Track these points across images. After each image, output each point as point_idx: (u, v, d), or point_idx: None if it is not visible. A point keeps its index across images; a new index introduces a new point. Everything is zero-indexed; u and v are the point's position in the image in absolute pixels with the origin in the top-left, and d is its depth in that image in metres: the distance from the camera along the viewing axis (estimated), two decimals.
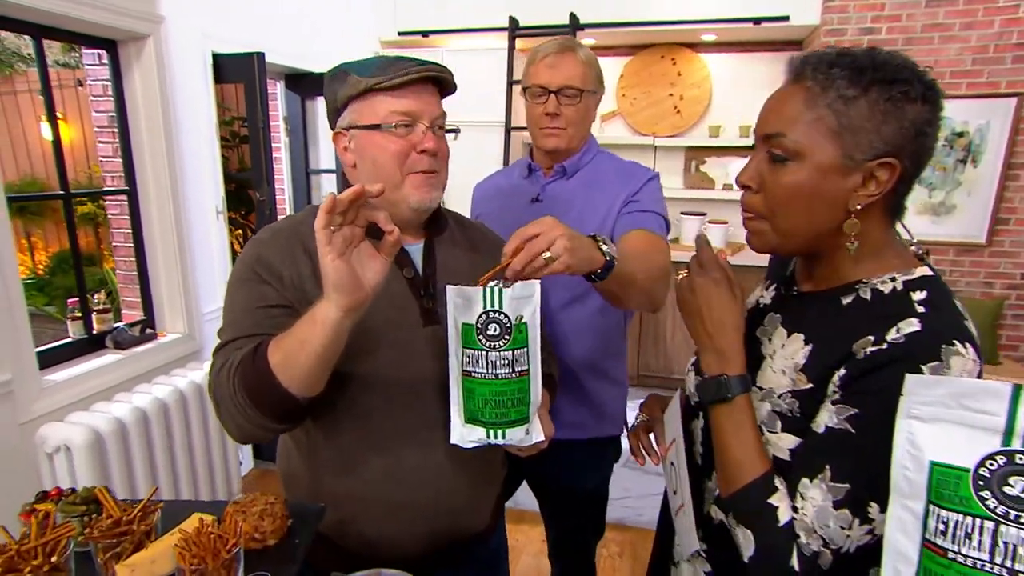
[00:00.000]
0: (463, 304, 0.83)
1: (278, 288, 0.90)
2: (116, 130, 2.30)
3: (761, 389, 0.78)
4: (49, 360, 2.04)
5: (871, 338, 0.67)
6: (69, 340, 2.19)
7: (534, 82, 1.31)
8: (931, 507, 0.55)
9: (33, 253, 5.90)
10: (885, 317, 0.67)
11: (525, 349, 0.84)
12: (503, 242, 1.16)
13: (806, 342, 0.75)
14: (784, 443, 0.73)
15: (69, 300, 2.25)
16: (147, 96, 2.26)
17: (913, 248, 0.76)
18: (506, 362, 0.82)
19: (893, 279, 0.71)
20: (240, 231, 3.90)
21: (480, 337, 0.82)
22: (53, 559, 0.70)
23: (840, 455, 0.67)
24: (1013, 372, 3.21)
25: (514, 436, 0.86)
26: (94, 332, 2.25)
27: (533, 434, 0.88)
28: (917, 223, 3.30)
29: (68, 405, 1.96)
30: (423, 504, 0.96)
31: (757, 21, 3.34)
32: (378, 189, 0.75)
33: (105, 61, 2.24)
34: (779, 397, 0.75)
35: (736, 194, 4.36)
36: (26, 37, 2.11)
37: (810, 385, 0.72)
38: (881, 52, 0.69)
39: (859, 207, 0.69)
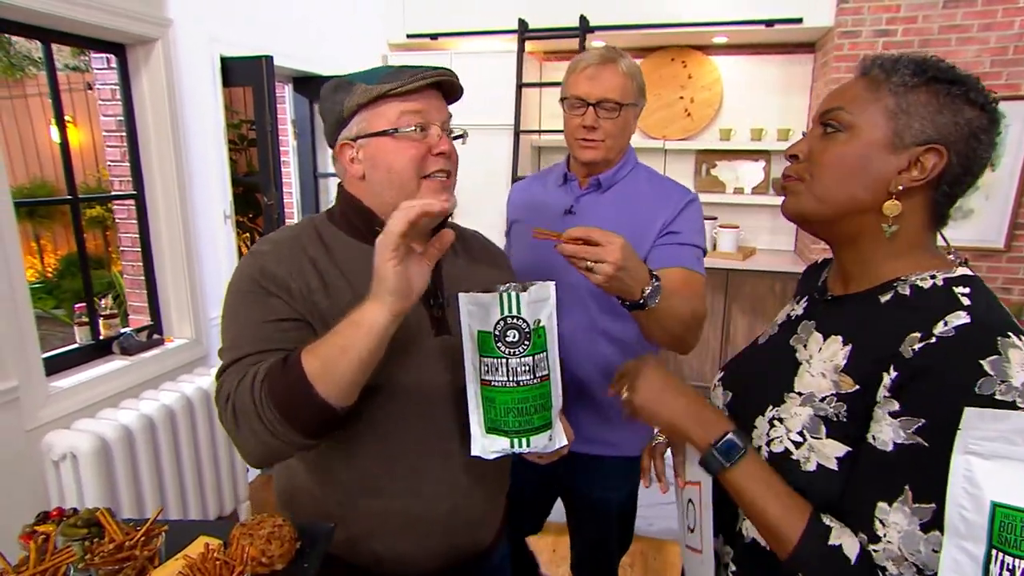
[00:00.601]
0: (478, 312, 0.81)
1: (287, 300, 0.87)
2: (124, 134, 2.28)
3: (801, 394, 0.75)
4: (55, 366, 2.03)
5: (917, 334, 0.64)
6: (76, 346, 2.18)
7: (573, 93, 1.27)
8: (994, 552, 0.51)
9: (42, 256, 5.92)
10: (929, 310, 0.65)
11: (545, 353, 0.82)
12: (502, 253, 1.18)
13: (845, 342, 0.73)
14: (829, 450, 0.70)
15: (76, 305, 2.24)
16: (155, 100, 2.25)
17: (951, 256, 0.74)
18: (527, 368, 0.81)
19: (933, 276, 0.70)
20: (248, 235, 3.90)
21: (499, 344, 0.81)
22: None
23: (918, 472, 0.62)
24: None
25: (538, 443, 0.84)
26: (101, 338, 2.23)
27: (556, 440, 0.86)
28: None
29: (74, 412, 1.94)
30: (441, 517, 0.94)
31: (769, 23, 3.28)
32: (441, 207, 0.77)
33: (114, 65, 2.23)
34: (822, 401, 0.72)
35: (747, 198, 4.29)
36: (36, 41, 2.10)
37: (857, 387, 0.69)
38: (947, 62, 0.71)
39: (900, 188, 0.69)
